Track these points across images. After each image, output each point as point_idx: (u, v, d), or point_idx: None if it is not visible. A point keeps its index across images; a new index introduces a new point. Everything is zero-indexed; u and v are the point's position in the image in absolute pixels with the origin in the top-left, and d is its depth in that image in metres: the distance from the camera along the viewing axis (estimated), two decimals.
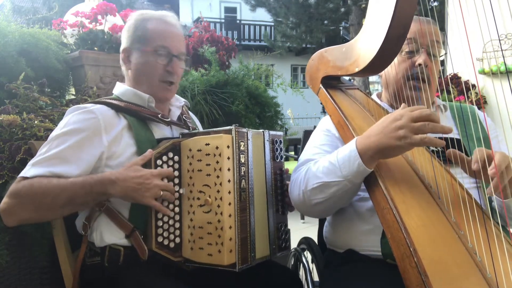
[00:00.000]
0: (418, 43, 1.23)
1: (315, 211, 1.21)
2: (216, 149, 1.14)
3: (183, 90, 2.23)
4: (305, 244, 1.56)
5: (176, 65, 1.31)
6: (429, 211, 0.95)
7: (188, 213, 1.18)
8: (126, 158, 1.18)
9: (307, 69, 1.40)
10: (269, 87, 3.43)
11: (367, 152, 1.01)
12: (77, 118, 1.16)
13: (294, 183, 1.21)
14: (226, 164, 1.13)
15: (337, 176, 1.07)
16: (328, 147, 1.27)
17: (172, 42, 1.30)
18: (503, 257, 0.86)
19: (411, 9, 0.96)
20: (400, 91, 1.28)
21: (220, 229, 1.11)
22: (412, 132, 0.93)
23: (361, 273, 1.13)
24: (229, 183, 1.14)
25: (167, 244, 1.15)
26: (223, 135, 1.15)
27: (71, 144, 1.12)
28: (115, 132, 1.18)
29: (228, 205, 1.13)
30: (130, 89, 1.31)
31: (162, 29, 1.30)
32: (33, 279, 1.43)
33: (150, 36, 1.28)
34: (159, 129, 1.29)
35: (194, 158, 1.18)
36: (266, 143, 1.31)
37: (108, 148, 1.16)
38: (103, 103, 1.23)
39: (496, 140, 1.32)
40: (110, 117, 1.20)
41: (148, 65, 1.29)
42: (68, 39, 2.34)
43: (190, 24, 15.75)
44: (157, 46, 1.27)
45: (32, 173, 1.07)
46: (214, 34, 2.80)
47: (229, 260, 1.10)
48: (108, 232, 1.16)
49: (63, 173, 1.09)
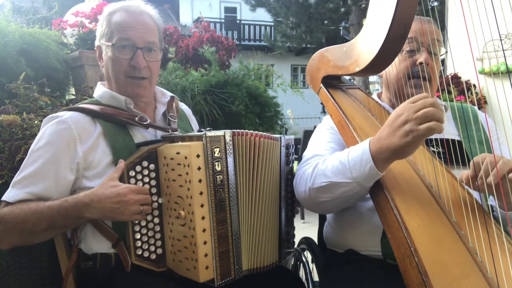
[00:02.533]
0: (418, 42, 1.23)
1: (321, 209, 1.20)
2: (185, 159, 1.05)
3: (183, 90, 2.23)
4: (305, 244, 1.56)
5: (140, 59, 1.19)
6: (430, 211, 0.95)
7: (168, 224, 1.13)
8: (103, 168, 1.13)
9: (308, 68, 1.40)
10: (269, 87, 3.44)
11: (381, 155, 0.97)
12: (50, 130, 1.12)
13: (301, 178, 1.19)
14: (196, 175, 1.05)
15: (346, 177, 1.04)
16: (335, 144, 1.27)
17: (134, 32, 1.18)
18: (503, 257, 0.86)
19: (411, 9, 0.95)
20: (401, 90, 1.28)
21: (194, 245, 1.05)
22: (417, 124, 0.90)
23: (361, 273, 1.13)
24: (201, 196, 1.06)
25: (148, 256, 1.11)
26: (191, 144, 1.05)
27: (46, 160, 1.08)
28: (91, 141, 1.13)
29: (201, 219, 1.05)
30: (108, 91, 1.25)
31: (123, 20, 1.19)
32: (33, 279, 1.43)
33: (112, 29, 1.19)
34: (140, 133, 1.22)
35: (169, 167, 1.10)
36: (282, 148, 1.27)
37: (83, 159, 1.11)
38: (78, 110, 1.17)
39: (497, 141, 1.31)
40: (84, 125, 1.14)
41: (112, 61, 1.20)
42: (68, 39, 2.35)
43: (190, 24, 15.75)
44: (118, 39, 1.18)
45: (12, 197, 1.06)
46: (214, 34, 2.80)
47: (204, 277, 1.06)
48: (95, 241, 1.13)
49: (41, 192, 1.07)
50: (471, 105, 1.41)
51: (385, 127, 0.98)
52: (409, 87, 1.25)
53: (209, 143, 1.07)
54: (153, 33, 1.23)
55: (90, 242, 1.14)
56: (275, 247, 1.25)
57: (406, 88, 1.26)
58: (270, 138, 1.23)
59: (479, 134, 1.25)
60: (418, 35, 1.23)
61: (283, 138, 1.28)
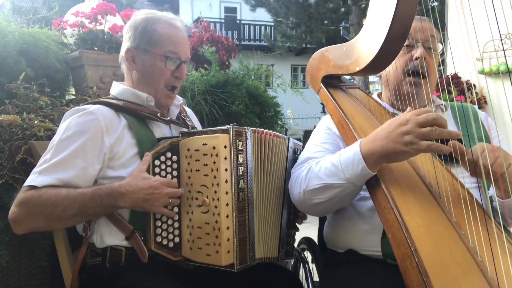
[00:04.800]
0: (413, 38, 1.24)
1: (315, 211, 1.21)
2: (213, 149, 1.12)
3: (183, 90, 2.24)
4: (305, 244, 1.56)
5: (183, 71, 1.30)
6: (430, 211, 0.95)
7: (187, 213, 1.17)
8: (128, 159, 1.17)
9: (308, 68, 1.40)
10: (269, 87, 3.44)
11: (372, 156, 1.00)
12: (78, 121, 1.14)
13: (295, 181, 1.21)
14: (223, 164, 1.12)
15: (339, 178, 1.06)
16: (329, 145, 1.27)
17: (181, 47, 1.29)
18: (504, 257, 0.86)
19: (411, 9, 0.96)
20: (400, 88, 1.28)
21: (218, 229, 1.10)
22: (418, 138, 0.92)
23: (361, 273, 1.13)
24: (226, 184, 1.12)
25: (166, 244, 1.15)
26: (220, 135, 1.13)
27: (75, 148, 1.11)
28: (117, 133, 1.17)
29: (225, 205, 1.11)
30: (128, 88, 1.30)
31: (172, 34, 1.27)
32: (33, 279, 1.42)
33: (159, 40, 1.25)
34: (158, 128, 1.28)
35: (192, 158, 1.16)
36: (290, 149, 1.33)
37: (110, 149, 1.15)
38: (103, 103, 1.21)
39: (497, 138, 1.31)
40: (110, 118, 1.18)
41: (156, 69, 1.27)
42: (68, 39, 2.35)
43: (190, 24, 15.74)
44: (168, 51, 1.25)
45: (40, 182, 1.06)
46: (214, 34, 2.80)
47: (226, 261, 1.10)
48: (108, 234, 1.15)
49: (70, 179, 1.09)
50: (471, 104, 1.41)
51: (382, 130, 1.00)
52: (407, 85, 1.26)
53: (234, 136, 1.15)
54: (189, 48, 1.34)
55: (103, 234, 1.16)
56: (276, 242, 1.30)
57: (404, 85, 1.26)
58: (280, 137, 1.33)
59: (479, 132, 1.25)
60: (413, 32, 1.23)
61: (291, 140, 1.35)
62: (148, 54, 1.26)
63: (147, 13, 1.30)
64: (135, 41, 1.27)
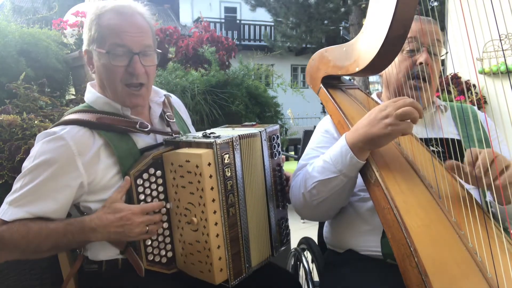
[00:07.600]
0: (419, 42, 1.24)
1: (318, 213, 1.21)
2: (196, 168, 1.04)
3: (183, 90, 2.23)
4: (305, 244, 1.56)
5: (137, 65, 1.11)
6: (430, 211, 0.95)
7: (178, 228, 1.13)
8: (108, 180, 1.10)
9: (308, 68, 1.40)
10: (269, 87, 3.44)
11: (357, 144, 1.04)
12: (47, 148, 1.04)
13: (294, 188, 1.22)
14: (208, 183, 1.04)
15: (332, 172, 1.09)
16: (326, 149, 1.27)
17: (129, 37, 1.09)
18: (503, 257, 0.86)
19: (411, 9, 0.96)
20: (400, 90, 1.28)
21: (208, 249, 1.06)
22: (397, 119, 0.97)
23: (361, 273, 1.13)
24: (213, 203, 1.06)
25: (159, 261, 1.13)
26: (202, 153, 1.03)
27: (44, 178, 1.03)
28: (91, 153, 1.07)
29: (214, 225, 1.06)
30: (102, 97, 1.17)
31: (116, 24, 1.09)
32: (33, 279, 1.42)
33: (102, 34, 1.09)
34: (140, 138, 1.18)
35: (177, 173, 1.09)
36: (264, 142, 1.24)
37: (87, 174, 1.07)
38: (75, 123, 1.10)
39: (496, 140, 1.31)
40: (82, 139, 1.08)
41: (105, 69, 1.12)
42: (68, 39, 2.35)
43: (190, 24, 15.75)
44: (111, 45, 1.09)
45: (10, 216, 1.02)
46: (214, 34, 2.80)
47: (219, 279, 1.08)
48: (102, 249, 1.13)
49: (40, 212, 1.04)
50: (471, 105, 1.41)
51: (363, 119, 1.06)
52: (408, 88, 1.26)
53: (219, 150, 1.06)
54: (148, 35, 1.14)
55: (96, 250, 1.13)
56: (267, 240, 1.26)
57: (405, 88, 1.26)
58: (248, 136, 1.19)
59: (478, 133, 1.25)
60: (418, 35, 1.23)
61: (263, 132, 1.24)
62: (96, 54, 1.12)
63: (96, 7, 1.13)
64: (86, 42, 1.15)
